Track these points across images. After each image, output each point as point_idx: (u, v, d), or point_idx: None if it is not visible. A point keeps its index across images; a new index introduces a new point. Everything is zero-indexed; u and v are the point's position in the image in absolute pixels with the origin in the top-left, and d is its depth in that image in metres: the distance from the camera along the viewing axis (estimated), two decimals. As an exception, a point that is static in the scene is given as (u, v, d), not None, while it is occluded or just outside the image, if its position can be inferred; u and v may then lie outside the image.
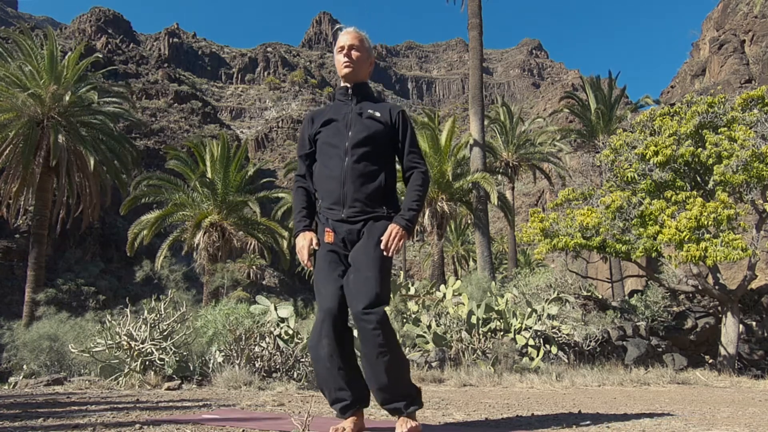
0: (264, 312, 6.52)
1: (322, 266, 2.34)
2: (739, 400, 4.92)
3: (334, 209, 2.38)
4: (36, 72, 18.58)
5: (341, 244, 2.36)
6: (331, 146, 2.43)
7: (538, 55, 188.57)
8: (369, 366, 2.20)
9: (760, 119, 9.55)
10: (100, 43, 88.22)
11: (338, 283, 2.26)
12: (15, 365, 8.98)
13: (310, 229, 2.45)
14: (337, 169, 2.37)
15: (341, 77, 2.53)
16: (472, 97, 17.39)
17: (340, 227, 2.36)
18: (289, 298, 31.50)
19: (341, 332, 2.24)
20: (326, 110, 2.57)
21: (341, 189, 2.36)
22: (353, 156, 2.37)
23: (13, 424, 2.46)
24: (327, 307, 2.22)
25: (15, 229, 36.93)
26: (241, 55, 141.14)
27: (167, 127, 71.06)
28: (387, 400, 2.23)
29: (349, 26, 2.57)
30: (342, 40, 2.51)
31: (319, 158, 2.48)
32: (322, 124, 2.50)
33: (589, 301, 10.85)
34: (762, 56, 44.81)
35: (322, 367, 2.26)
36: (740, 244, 7.99)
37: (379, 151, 2.42)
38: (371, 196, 2.36)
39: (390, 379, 2.19)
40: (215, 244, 20.14)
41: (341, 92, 2.56)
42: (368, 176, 2.37)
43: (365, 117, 2.44)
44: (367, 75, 2.59)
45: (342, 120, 2.46)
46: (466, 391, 5.08)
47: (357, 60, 2.50)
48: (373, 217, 2.36)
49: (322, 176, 2.45)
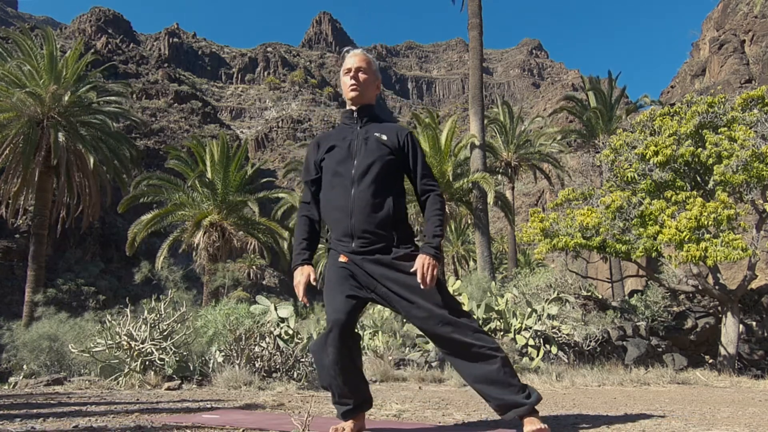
0: (264, 312, 6.53)
1: (332, 278, 2.30)
2: (739, 400, 4.92)
3: (344, 241, 2.31)
4: (36, 72, 18.59)
5: (357, 267, 2.30)
6: (336, 175, 2.36)
7: (538, 55, 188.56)
8: (480, 373, 2.18)
9: (760, 119, 9.54)
10: (100, 43, 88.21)
11: (346, 294, 2.23)
12: (15, 365, 8.98)
13: (309, 262, 2.39)
14: (344, 199, 2.30)
15: (348, 100, 2.48)
16: (472, 97, 17.38)
17: (355, 259, 2.29)
18: (289, 298, 31.49)
19: (347, 341, 2.21)
20: (331, 135, 2.51)
21: (349, 221, 2.28)
22: (360, 185, 2.29)
23: (13, 424, 2.46)
24: (335, 318, 2.19)
25: (15, 229, 36.93)
26: (241, 55, 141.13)
27: (167, 127, 71.06)
28: (508, 399, 2.18)
29: (356, 48, 2.54)
30: (349, 63, 2.47)
31: (325, 188, 2.40)
32: (327, 150, 2.43)
33: (589, 301, 10.85)
34: (762, 56, 44.82)
35: (326, 374, 2.25)
36: (740, 244, 7.99)
37: (387, 177, 2.35)
38: (381, 225, 2.28)
39: (505, 375, 2.19)
40: (215, 244, 20.14)
41: (347, 115, 2.50)
42: (376, 206, 2.29)
43: (372, 141, 2.37)
44: (374, 97, 2.54)
45: (347, 146, 2.38)
46: (466, 391, 5.08)
47: (364, 82, 2.46)
48: (383, 249, 2.29)
49: (328, 207, 2.37)
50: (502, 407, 2.21)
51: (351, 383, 2.24)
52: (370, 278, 2.27)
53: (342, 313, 2.18)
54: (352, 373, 2.25)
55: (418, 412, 3.27)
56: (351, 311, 2.21)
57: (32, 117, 18.29)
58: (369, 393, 2.37)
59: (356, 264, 2.29)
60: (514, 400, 2.16)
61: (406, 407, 3.43)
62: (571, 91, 44.12)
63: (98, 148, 19.46)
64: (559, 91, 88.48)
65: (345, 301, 2.21)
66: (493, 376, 2.17)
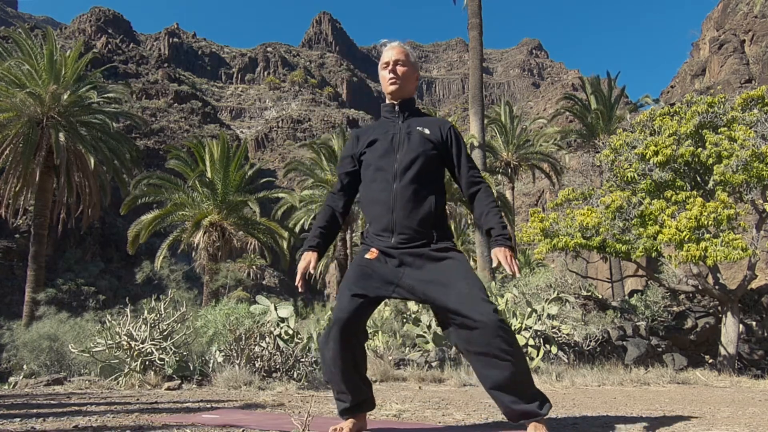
0: (264, 312, 6.53)
1: (350, 275, 2.27)
2: (739, 400, 4.92)
3: (383, 236, 2.26)
4: (35, 71, 18.59)
5: (384, 263, 2.25)
6: (378, 169, 2.32)
7: (538, 55, 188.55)
8: (497, 369, 2.08)
9: (760, 119, 9.54)
10: (100, 43, 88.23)
11: (353, 293, 2.19)
12: (15, 365, 8.98)
13: (316, 250, 2.38)
14: (386, 194, 2.27)
15: (387, 94, 2.45)
16: (472, 97, 17.39)
17: (392, 254, 2.24)
18: (289, 298, 31.49)
19: (349, 340, 2.18)
20: (372, 128, 2.47)
21: (390, 215, 2.25)
22: (402, 180, 2.26)
23: (13, 424, 2.46)
24: (337, 316, 2.18)
25: (15, 229, 36.93)
26: (241, 55, 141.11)
27: (167, 127, 71.08)
28: (515, 402, 2.12)
29: (393, 40, 2.50)
30: (387, 56, 2.44)
31: (366, 182, 2.38)
32: (368, 144, 2.40)
33: (589, 301, 10.85)
34: (762, 56, 44.82)
35: (327, 369, 2.25)
36: (740, 244, 7.99)
37: (430, 172, 2.31)
38: (423, 222, 2.24)
39: (521, 379, 2.11)
40: (215, 244, 20.15)
41: (387, 109, 2.47)
42: (419, 201, 2.25)
43: (414, 135, 2.34)
44: (414, 90, 2.51)
45: (389, 140, 2.35)
46: (466, 391, 5.08)
47: (403, 75, 2.42)
48: (422, 245, 2.23)
49: (369, 201, 2.34)
50: (515, 415, 2.15)
51: (350, 381, 2.23)
52: (396, 271, 2.22)
53: (345, 311, 2.17)
54: (352, 371, 2.23)
55: (418, 412, 3.27)
56: (355, 310, 2.17)
57: (32, 117, 18.30)
58: (370, 394, 2.34)
59: (386, 257, 2.25)
60: (527, 410, 2.12)
61: (406, 407, 3.43)
62: (571, 91, 44.02)
63: (98, 148, 19.47)
64: (559, 91, 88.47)
65: (351, 300, 2.18)
66: (510, 383, 2.09)
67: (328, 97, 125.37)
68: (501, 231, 2.25)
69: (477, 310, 2.05)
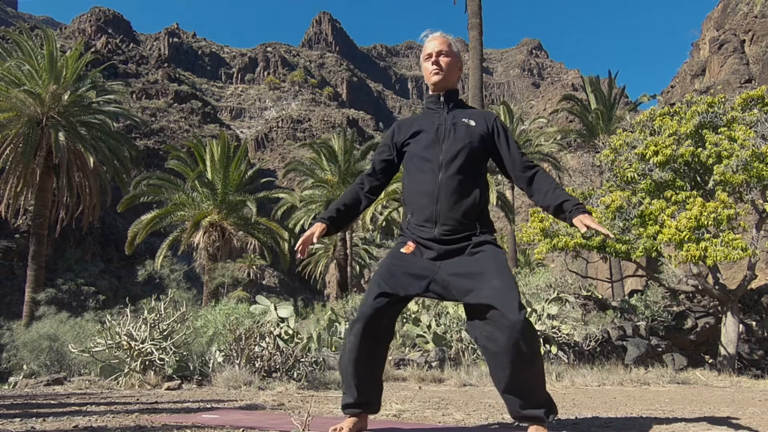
0: (264, 312, 6.53)
1: (382, 271, 2.23)
2: (739, 400, 4.92)
3: (426, 227, 2.23)
4: (35, 71, 18.60)
5: (420, 256, 2.22)
6: (423, 160, 2.29)
7: (538, 55, 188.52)
8: (513, 372, 2.02)
9: (760, 119, 9.54)
10: (100, 43, 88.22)
11: (381, 291, 2.16)
12: (15, 365, 8.97)
13: (327, 223, 2.37)
14: (430, 184, 2.24)
15: (431, 85, 2.41)
16: (472, 97, 17.39)
17: (431, 246, 2.21)
18: (289, 298, 31.48)
19: (370, 337, 2.16)
20: (415, 120, 2.44)
21: (434, 206, 2.22)
22: (448, 171, 2.24)
23: (13, 424, 2.46)
24: (362, 312, 2.15)
25: (15, 229, 36.93)
26: (241, 55, 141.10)
27: (167, 127, 71.06)
28: (524, 407, 2.08)
29: (434, 31, 2.47)
30: (430, 47, 2.41)
31: (410, 173, 2.35)
32: (411, 135, 2.38)
33: (589, 301, 10.85)
34: (762, 56, 44.82)
35: (342, 360, 2.24)
36: (740, 244, 7.99)
37: (475, 164, 2.30)
38: (467, 213, 2.22)
39: (535, 384, 2.08)
40: (215, 244, 20.16)
41: (432, 100, 2.43)
42: (464, 192, 2.23)
43: (460, 127, 2.32)
44: (457, 81, 2.48)
45: (434, 131, 2.32)
46: (466, 391, 5.08)
47: (447, 66, 2.39)
48: (466, 237, 2.21)
49: (413, 191, 2.31)
50: (520, 417, 2.13)
51: (361, 378, 2.20)
52: (432, 265, 2.19)
53: (370, 308, 2.14)
54: (365, 368, 2.19)
55: (418, 412, 3.27)
56: (381, 308, 2.14)
57: (32, 117, 18.30)
58: (377, 398, 2.31)
59: (425, 248, 2.21)
60: (533, 415, 2.09)
61: (406, 407, 3.43)
62: (571, 91, 44.06)
63: (98, 148, 19.48)
64: (559, 91, 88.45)
65: (378, 299, 2.15)
66: (524, 386, 2.06)
67: (328, 97, 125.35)
68: (575, 201, 2.24)
69: (508, 310, 2.00)
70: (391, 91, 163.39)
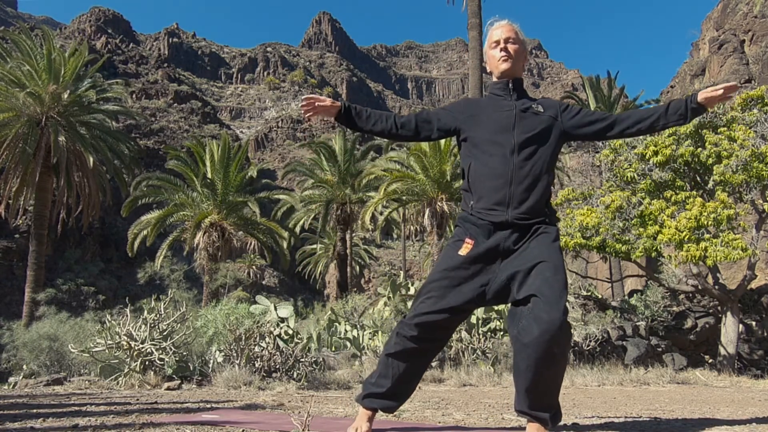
0: (264, 312, 6.53)
1: (440, 279, 2.19)
2: (739, 400, 4.92)
3: (497, 210, 2.18)
4: (35, 71, 18.59)
5: (481, 256, 2.17)
6: (493, 144, 2.26)
7: (538, 55, 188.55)
8: (536, 368, 1.98)
9: (760, 119, 9.54)
10: (99, 43, 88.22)
11: (439, 306, 2.15)
12: (15, 365, 8.97)
13: (344, 105, 2.42)
14: (503, 167, 2.21)
15: (498, 72, 2.38)
16: (471, 97, 17.39)
17: (497, 235, 2.17)
18: (289, 298, 31.49)
19: (416, 340, 2.17)
20: (481, 102, 2.43)
21: (508, 188, 2.18)
22: (521, 154, 2.22)
23: (13, 424, 2.46)
24: (420, 320, 2.16)
25: (15, 229, 36.93)
26: (240, 55, 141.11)
27: (167, 127, 71.03)
28: (532, 406, 2.06)
29: (501, 19, 2.44)
30: (496, 35, 2.39)
31: (479, 155, 2.29)
32: (473, 119, 2.36)
33: (589, 301, 10.85)
34: (762, 56, 44.83)
35: (385, 348, 2.26)
36: (740, 244, 7.99)
37: (545, 150, 2.28)
38: (538, 199, 2.20)
39: (551, 387, 2.05)
40: (215, 244, 20.16)
41: (500, 87, 2.39)
42: (535, 177, 2.22)
43: (531, 113, 2.30)
44: (523, 70, 2.43)
45: (505, 116, 2.30)
46: (465, 391, 5.08)
47: (515, 53, 2.37)
48: (538, 222, 2.18)
49: (482, 175, 2.25)
50: (525, 414, 2.11)
51: (396, 372, 2.23)
52: (491, 266, 2.16)
53: (423, 318, 2.15)
54: (405, 364, 2.23)
55: (418, 412, 3.27)
56: (440, 322, 2.15)
57: (32, 117, 18.30)
58: (403, 399, 2.35)
59: (485, 238, 2.18)
60: (538, 416, 2.08)
61: (406, 407, 3.43)
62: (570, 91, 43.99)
63: (98, 148, 19.48)
64: (559, 91, 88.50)
65: (438, 312, 2.14)
66: (542, 387, 2.03)
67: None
68: (681, 99, 2.27)
69: (551, 305, 1.96)
70: (391, 91, 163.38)
